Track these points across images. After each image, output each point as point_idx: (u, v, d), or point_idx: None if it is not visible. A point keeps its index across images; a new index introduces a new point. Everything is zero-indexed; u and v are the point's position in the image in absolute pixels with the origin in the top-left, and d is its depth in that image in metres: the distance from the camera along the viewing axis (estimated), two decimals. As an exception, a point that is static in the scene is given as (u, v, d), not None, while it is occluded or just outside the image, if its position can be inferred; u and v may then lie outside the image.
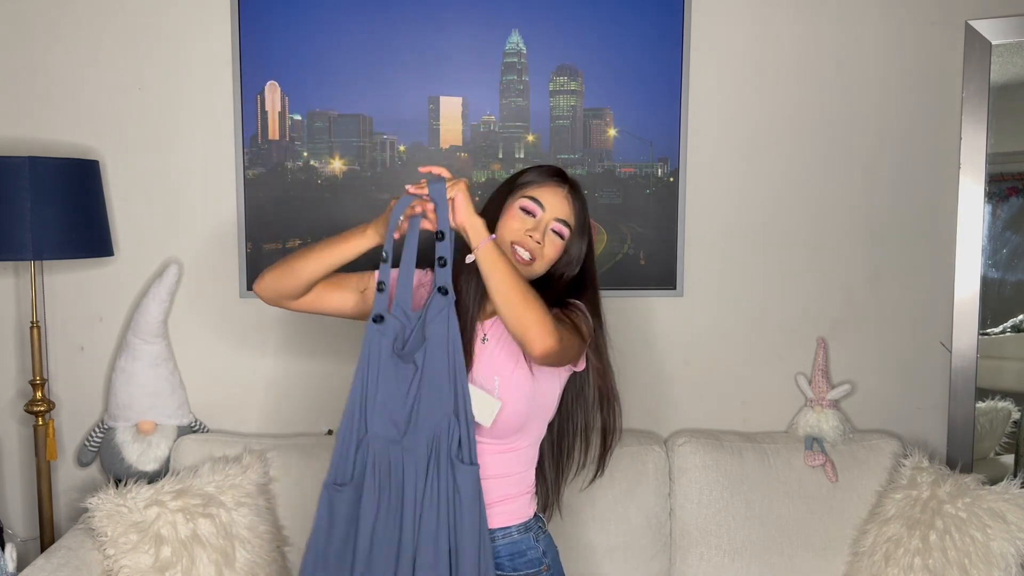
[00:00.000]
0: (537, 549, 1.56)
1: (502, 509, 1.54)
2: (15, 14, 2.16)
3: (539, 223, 1.52)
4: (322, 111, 2.20)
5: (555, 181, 1.55)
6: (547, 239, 1.52)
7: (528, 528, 1.57)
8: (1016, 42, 2.21)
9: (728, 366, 2.34)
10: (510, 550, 1.54)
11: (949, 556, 1.91)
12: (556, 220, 1.53)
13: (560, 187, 1.54)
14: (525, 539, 1.56)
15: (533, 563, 1.55)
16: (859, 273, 2.33)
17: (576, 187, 1.57)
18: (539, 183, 1.54)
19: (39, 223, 1.93)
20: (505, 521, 1.54)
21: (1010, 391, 2.44)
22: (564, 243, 1.54)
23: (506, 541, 1.54)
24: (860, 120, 2.29)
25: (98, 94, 2.18)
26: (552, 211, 1.52)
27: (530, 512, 1.59)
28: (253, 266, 2.22)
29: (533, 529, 1.58)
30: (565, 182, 1.56)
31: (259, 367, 2.26)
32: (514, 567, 1.54)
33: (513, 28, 2.20)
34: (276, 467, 2.06)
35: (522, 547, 1.55)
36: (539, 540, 1.58)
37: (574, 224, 1.54)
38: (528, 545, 1.55)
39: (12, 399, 2.25)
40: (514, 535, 1.55)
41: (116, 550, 1.78)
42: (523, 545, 1.55)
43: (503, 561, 1.53)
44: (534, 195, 1.53)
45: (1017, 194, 2.40)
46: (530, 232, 1.51)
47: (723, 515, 2.11)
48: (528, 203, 1.52)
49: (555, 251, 1.54)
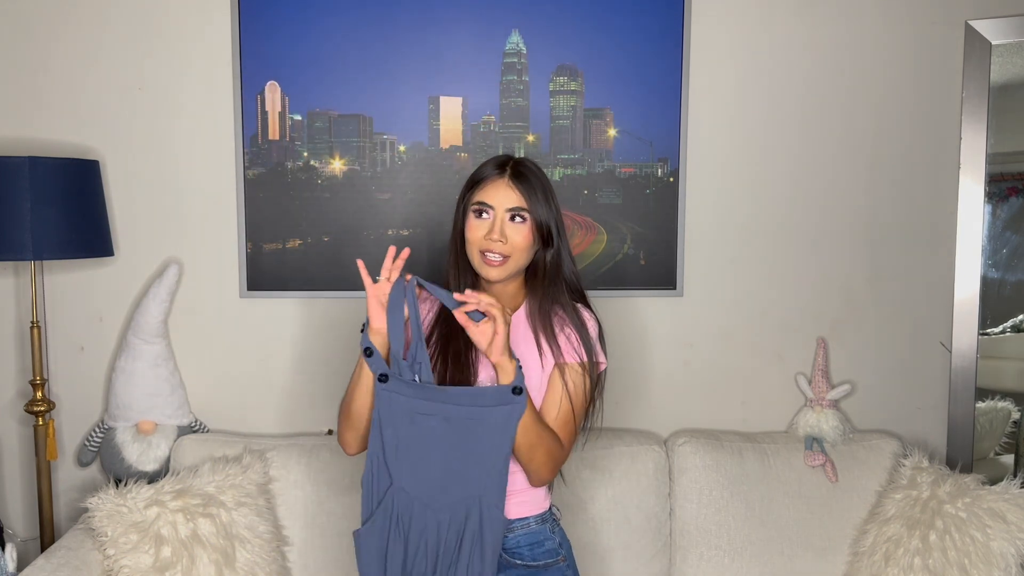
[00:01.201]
0: (553, 540, 1.61)
1: (520, 500, 1.58)
2: (15, 14, 2.16)
3: (493, 222, 1.52)
4: (322, 111, 2.20)
5: (495, 175, 1.54)
6: (508, 231, 1.52)
7: (544, 520, 1.61)
8: (1016, 42, 2.21)
9: (728, 366, 2.34)
10: (529, 540, 1.58)
11: (949, 556, 1.91)
12: (507, 211, 1.52)
13: (500, 178, 1.54)
14: (542, 530, 1.60)
15: (551, 553, 1.59)
16: (859, 273, 2.33)
17: (517, 169, 1.55)
18: (481, 183, 1.55)
19: (39, 223, 1.93)
20: (523, 512, 1.59)
21: (1010, 391, 2.44)
22: (528, 223, 1.53)
23: (525, 531, 1.59)
24: (860, 120, 2.29)
25: (98, 94, 2.18)
26: (500, 205, 1.52)
27: (546, 504, 1.63)
28: (253, 266, 2.22)
29: (549, 521, 1.62)
30: (504, 171, 1.54)
31: (259, 367, 2.26)
32: (533, 556, 1.58)
33: (513, 28, 2.20)
34: (276, 467, 2.06)
35: (540, 537, 1.59)
36: (555, 532, 1.62)
37: (528, 204, 1.53)
38: (545, 536, 1.60)
39: (12, 399, 2.25)
40: (532, 525, 1.59)
41: (116, 550, 1.78)
42: (541, 535, 1.60)
43: (523, 551, 1.58)
44: (480, 199, 1.53)
45: (1017, 194, 2.40)
46: (489, 235, 1.52)
47: (723, 515, 2.11)
48: (477, 207, 1.53)
49: (522, 236, 1.53)
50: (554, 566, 1.59)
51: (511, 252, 1.52)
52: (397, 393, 1.45)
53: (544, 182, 1.56)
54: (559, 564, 1.59)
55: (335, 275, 2.23)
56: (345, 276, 2.23)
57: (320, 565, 2.03)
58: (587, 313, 1.61)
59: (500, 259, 1.52)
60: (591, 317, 1.61)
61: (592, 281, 2.25)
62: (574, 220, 2.25)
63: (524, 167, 1.56)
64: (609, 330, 1.69)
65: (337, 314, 2.24)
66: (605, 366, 1.62)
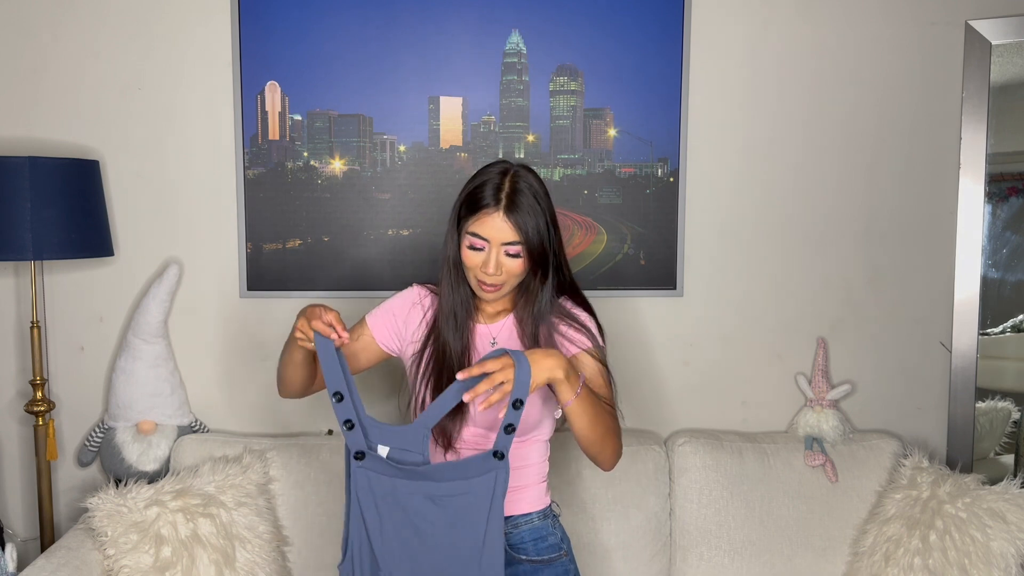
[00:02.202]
0: (556, 535, 1.62)
1: (521, 496, 1.59)
2: (15, 14, 2.16)
3: (488, 257, 1.49)
4: (322, 111, 2.20)
5: (489, 208, 1.47)
6: (504, 265, 1.49)
7: (546, 515, 1.63)
8: (1016, 42, 2.21)
9: (728, 366, 2.34)
10: (533, 535, 1.59)
11: (949, 556, 1.91)
12: (502, 246, 1.48)
13: (494, 212, 1.47)
14: (545, 525, 1.61)
15: (554, 548, 1.60)
16: (859, 273, 2.33)
17: (513, 199, 1.47)
18: (475, 215, 1.48)
19: (39, 223, 1.93)
20: (526, 508, 1.60)
21: (1010, 391, 2.44)
22: (522, 254, 1.49)
23: (529, 527, 1.59)
24: (860, 120, 2.29)
25: (98, 94, 2.18)
26: (496, 239, 1.48)
27: (547, 500, 1.64)
28: (253, 266, 2.22)
29: (550, 517, 1.63)
30: (500, 202, 1.47)
31: (259, 367, 2.26)
32: (537, 551, 1.59)
33: (513, 28, 2.20)
34: (276, 467, 2.06)
35: (543, 532, 1.60)
36: (556, 527, 1.63)
37: (522, 237, 1.48)
38: (548, 531, 1.61)
39: (12, 399, 2.25)
40: (535, 521, 1.60)
41: (116, 550, 1.78)
42: (544, 531, 1.60)
43: (527, 546, 1.58)
44: (474, 231, 1.49)
45: (1017, 194, 2.40)
46: (483, 268, 1.49)
47: (723, 515, 2.11)
48: (472, 240, 1.49)
49: (517, 266, 1.50)
50: (557, 561, 1.60)
51: (506, 280, 1.51)
52: (375, 472, 1.42)
53: (540, 203, 1.50)
54: (562, 559, 1.61)
55: (335, 275, 2.23)
56: (345, 276, 2.23)
57: (320, 565, 2.03)
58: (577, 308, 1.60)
59: (494, 288, 1.51)
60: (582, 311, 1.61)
61: (592, 281, 2.25)
62: (574, 220, 2.25)
63: (519, 193, 1.47)
64: (609, 330, 1.69)
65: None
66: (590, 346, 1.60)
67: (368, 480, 1.42)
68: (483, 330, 1.60)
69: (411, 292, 1.66)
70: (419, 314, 1.63)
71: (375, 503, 1.43)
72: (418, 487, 1.41)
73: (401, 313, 1.64)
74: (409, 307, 1.64)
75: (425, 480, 1.41)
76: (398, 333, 1.63)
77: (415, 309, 1.64)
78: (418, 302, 1.64)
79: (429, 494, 1.41)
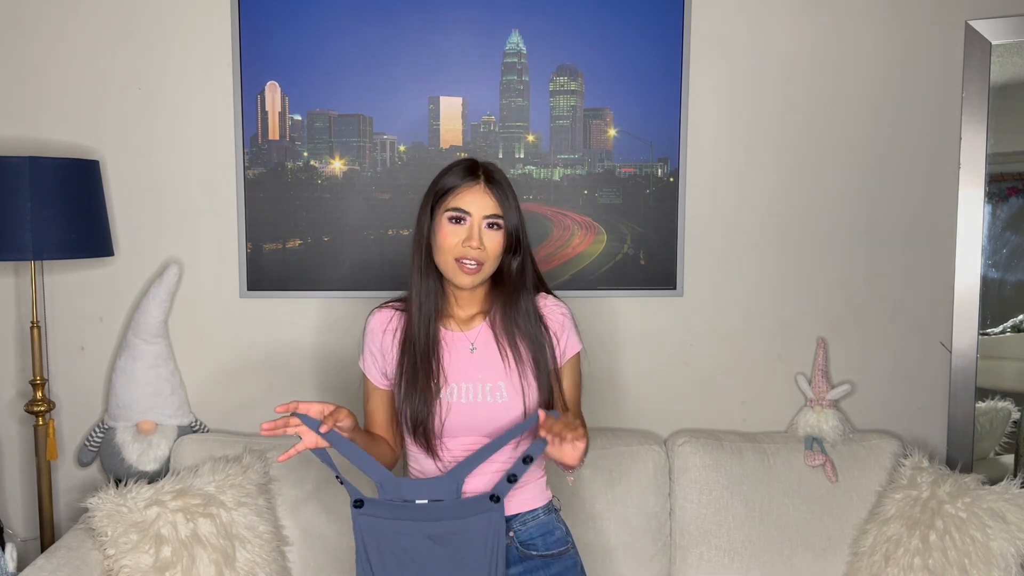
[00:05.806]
0: (561, 529, 1.64)
1: (525, 493, 1.61)
2: (15, 14, 2.16)
3: (471, 229, 1.52)
4: (322, 111, 2.20)
5: (470, 180, 1.54)
6: (485, 238, 1.52)
7: (550, 510, 1.65)
8: (1016, 42, 2.21)
9: (728, 366, 2.34)
10: (541, 530, 1.61)
11: (949, 556, 1.91)
12: (485, 218, 1.52)
13: (476, 184, 1.53)
14: (550, 519, 1.63)
15: (560, 542, 1.62)
16: (859, 273, 2.33)
17: (491, 174, 1.55)
18: (456, 188, 1.53)
19: (39, 223, 1.93)
20: (531, 504, 1.61)
21: (1010, 391, 2.44)
22: (503, 231, 1.54)
23: (536, 523, 1.61)
24: (860, 120, 2.29)
25: (98, 94, 2.18)
26: (478, 212, 1.52)
27: (549, 495, 1.66)
28: (253, 266, 2.22)
29: (553, 511, 1.65)
30: (479, 176, 1.54)
31: (259, 367, 2.26)
32: (546, 546, 1.60)
33: (513, 28, 2.20)
34: (276, 467, 2.06)
35: (550, 527, 1.62)
36: (560, 522, 1.66)
37: (503, 211, 1.54)
38: (553, 525, 1.63)
39: (12, 399, 2.25)
40: (541, 516, 1.62)
41: (116, 550, 1.78)
42: (550, 525, 1.62)
43: (536, 541, 1.60)
44: (456, 204, 1.52)
45: (1017, 194, 2.40)
46: (467, 242, 1.51)
47: (723, 515, 2.11)
48: (453, 213, 1.52)
49: (497, 243, 1.54)
50: (566, 554, 1.62)
51: (486, 259, 1.53)
52: (376, 516, 1.47)
53: (511, 190, 1.57)
54: (570, 551, 1.63)
55: (335, 275, 2.23)
56: (345, 276, 2.23)
57: (320, 565, 2.03)
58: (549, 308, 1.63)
59: (475, 266, 1.52)
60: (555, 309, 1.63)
61: (592, 281, 2.25)
62: (574, 220, 2.25)
63: (495, 172, 1.57)
64: (608, 330, 1.69)
65: (337, 314, 2.24)
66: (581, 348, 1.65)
67: (370, 525, 1.48)
68: (460, 337, 1.60)
69: (374, 320, 1.65)
70: (391, 337, 1.63)
71: (378, 546, 1.47)
72: (417, 528, 1.46)
73: (377, 348, 1.64)
74: (380, 336, 1.64)
75: (424, 521, 1.46)
76: (384, 370, 1.64)
77: (386, 335, 1.63)
78: (385, 326, 1.64)
79: (429, 534, 1.46)
